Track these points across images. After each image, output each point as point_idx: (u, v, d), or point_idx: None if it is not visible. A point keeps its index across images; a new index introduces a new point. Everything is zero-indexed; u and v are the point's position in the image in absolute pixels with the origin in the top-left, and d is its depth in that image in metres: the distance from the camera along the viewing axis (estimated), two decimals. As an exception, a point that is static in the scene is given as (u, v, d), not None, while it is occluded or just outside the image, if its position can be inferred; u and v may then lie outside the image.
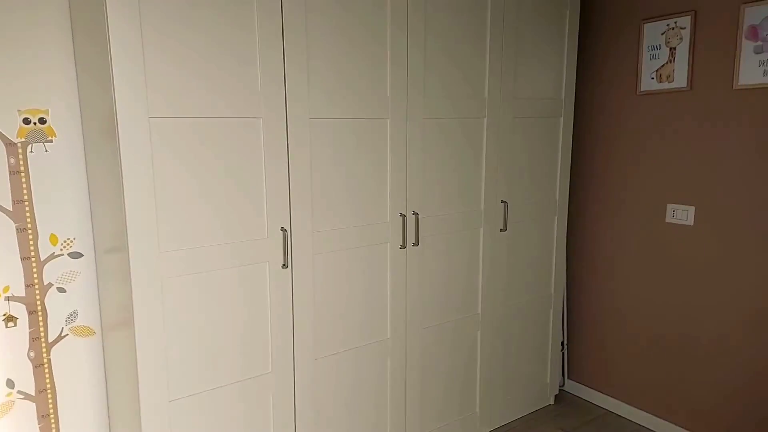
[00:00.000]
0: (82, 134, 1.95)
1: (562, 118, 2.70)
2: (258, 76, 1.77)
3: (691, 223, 2.54)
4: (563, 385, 3.21)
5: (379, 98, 2.05)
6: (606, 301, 2.95)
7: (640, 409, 2.83)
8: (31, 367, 1.99)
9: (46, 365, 2.01)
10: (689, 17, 2.43)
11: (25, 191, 1.89)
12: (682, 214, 2.57)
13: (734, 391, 2.46)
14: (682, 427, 2.66)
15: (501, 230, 2.54)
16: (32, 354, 1.98)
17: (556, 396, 3.10)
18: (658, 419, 2.75)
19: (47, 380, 2.02)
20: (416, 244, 2.23)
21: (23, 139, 1.86)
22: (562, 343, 3.14)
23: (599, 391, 3.03)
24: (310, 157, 1.92)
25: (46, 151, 1.91)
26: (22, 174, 1.87)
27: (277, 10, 1.77)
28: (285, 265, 1.89)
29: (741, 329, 2.41)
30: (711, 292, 2.50)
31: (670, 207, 2.61)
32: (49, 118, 1.90)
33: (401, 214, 2.18)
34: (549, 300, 2.87)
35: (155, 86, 1.59)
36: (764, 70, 2.23)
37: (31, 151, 1.88)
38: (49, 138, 1.91)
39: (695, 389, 2.60)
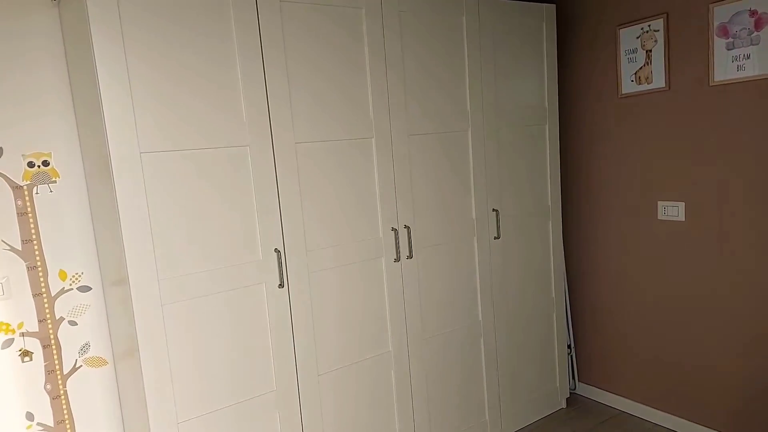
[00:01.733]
0: (84, 173, 2.06)
1: (547, 125, 2.77)
2: (242, 108, 1.87)
3: (683, 219, 2.58)
4: (574, 388, 3.22)
5: (362, 119, 2.15)
6: (608, 302, 2.98)
7: (654, 408, 2.83)
8: (49, 399, 2.07)
9: (62, 397, 2.10)
10: (662, 20, 2.50)
11: (33, 231, 2.00)
12: (672, 211, 2.61)
13: (745, 384, 2.47)
14: (699, 424, 2.66)
15: (495, 238, 2.60)
16: (49, 386, 2.07)
17: (567, 399, 3.11)
18: (673, 416, 2.75)
19: (65, 411, 2.11)
20: (410, 256, 2.30)
21: (29, 182, 1.98)
22: (569, 346, 3.17)
23: (611, 392, 3.04)
24: (299, 179, 2.01)
25: (51, 191, 2.02)
26: (30, 215, 1.99)
27: (257, 48, 1.88)
28: (281, 285, 1.97)
29: (744, 322, 2.43)
30: (707, 284, 2.53)
31: (660, 204, 2.66)
32: (52, 161, 2.02)
33: (393, 229, 2.26)
34: (551, 304, 2.91)
35: (144, 123, 1.70)
36: (737, 66, 2.28)
37: (37, 193, 2.00)
38: (53, 179, 2.02)
39: (706, 384, 2.61)
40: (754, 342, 2.40)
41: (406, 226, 2.29)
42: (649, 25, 2.56)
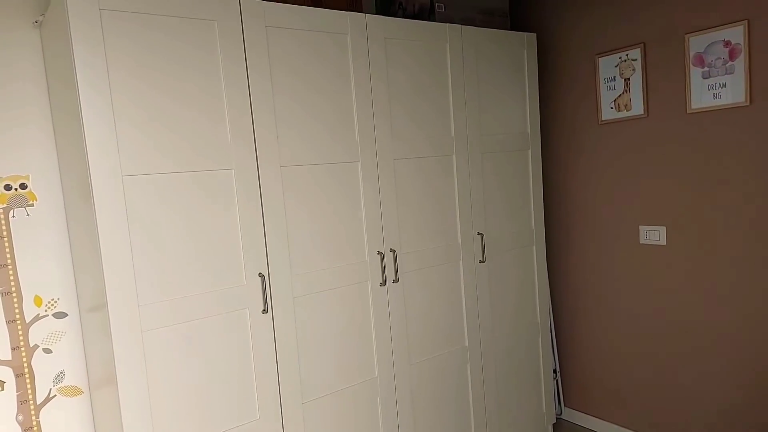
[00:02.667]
0: (63, 197, 2.02)
1: (530, 151, 2.80)
2: (228, 132, 1.86)
3: (664, 243, 2.61)
4: (560, 413, 3.20)
5: (348, 143, 2.15)
6: (592, 326, 2.99)
7: (637, 433, 2.83)
8: (21, 430, 1.99)
9: (35, 428, 2.02)
10: (639, 49, 2.57)
11: (8, 255, 1.94)
12: (654, 235, 2.64)
13: (731, 408, 2.48)
14: (677, 448, 2.66)
15: (480, 261, 2.60)
16: (21, 417, 1.99)
17: (554, 425, 3.09)
18: (654, 441, 2.75)
19: (36, 443, 2.02)
20: (396, 280, 2.28)
21: (5, 205, 1.93)
22: (554, 371, 3.16)
23: (597, 417, 3.03)
24: (284, 202, 1.99)
25: (28, 215, 1.97)
26: (5, 239, 1.93)
27: (242, 68, 1.88)
28: (265, 310, 1.94)
29: (729, 344, 2.45)
30: (690, 307, 2.55)
31: (642, 228, 2.69)
32: (30, 184, 1.97)
33: (379, 252, 2.24)
34: (536, 328, 2.90)
35: (126, 147, 1.67)
36: (713, 94, 2.35)
37: (13, 216, 1.95)
38: (31, 202, 1.98)
39: (692, 408, 2.62)
40: (740, 365, 2.41)
41: (392, 250, 2.28)
42: (627, 54, 2.62)
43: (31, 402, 2.01)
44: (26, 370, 1.99)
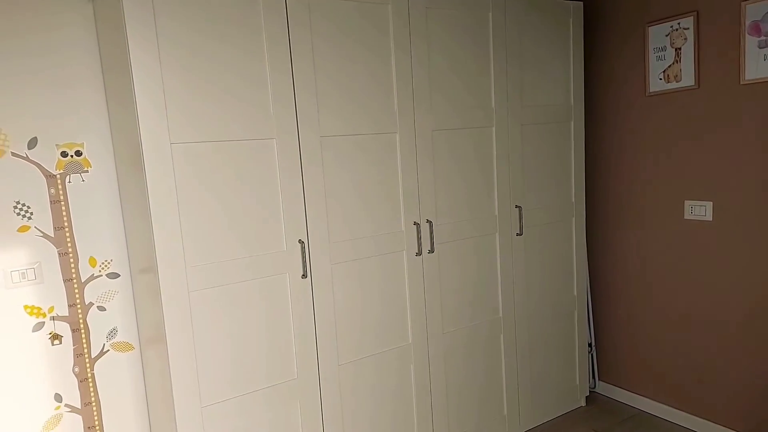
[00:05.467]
0: (115, 164, 2.12)
1: (572, 123, 2.75)
2: (270, 101, 1.90)
3: (710, 219, 2.54)
4: (594, 386, 3.21)
5: (387, 114, 2.16)
6: (631, 301, 2.96)
7: (675, 408, 2.81)
8: (77, 381, 2.14)
9: (90, 380, 2.16)
10: (692, 18, 2.47)
11: (65, 218, 2.05)
12: (700, 210, 2.58)
13: (765, 385, 2.44)
14: (718, 424, 2.63)
15: (517, 234, 2.60)
16: (77, 369, 2.13)
17: (587, 397, 3.10)
18: (694, 417, 2.73)
19: (92, 394, 2.17)
20: (431, 251, 2.31)
21: (62, 171, 2.04)
22: (590, 345, 3.15)
23: (631, 391, 3.02)
24: (323, 172, 2.03)
25: (83, 181, 2.08)
26: (62, 203, 2.04)
27: (284, 39, 1.90)
28: (304, 275, 2.00)
29: (767, 321, 2.40)
30: (735, 284, 2.50)
31: (687, 203, 2.63)
32: (84, 151, 2.07)
33: (415, 223, 2.27)
34: (573, 302, 2.90)
35: (175, 115, 1.74)
36: (769, 64, 2.24)
37: (69, 182, 2.05)
38: (86, 169, 2.08)
39: (729, 384, 2.58)
40: (780, 345, 2.36)
41: (428, 221, 2.30)
42: (678, 23, 2.52)
43: (86, 355, 2.14)
44: (82, 325, 2.12)
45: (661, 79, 2.64)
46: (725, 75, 2.40)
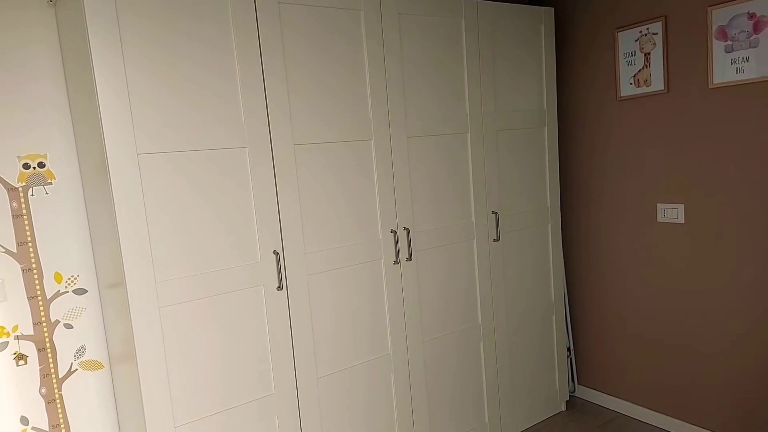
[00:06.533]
0: (80, 175, 2.05)
1: (546, 128, 2.76)
2: (241, 110, 1.86)
3: (682, 221, 2.57)
4: (574, 391, 3.21)
5: (361, 121, 2.14)
6: (607, 304, 2.98)
7: (654, 411, 2.83)
8: (44, 403, 2.05)
9: (58, 401, 2.08)
10: (660, 23, 2.50)
11: (28, 233, 1.97)
12: (672, 213, 2.61)
13: (745, 386, 2.47)
14: (696, 425, 2.65)
15: (494, 240, 2.59)
16: (44, 390, 2.05)
17: (567, 402, 3.10)
18: (673, 419, 2.74)
19: (60, 415, 2.08)
20: (409, 258, 2.29)
21: (24, 184, 1.96)
22: (568, 349, 3.16)
23: (611, 395, 3.03)
24: (297, 180, 1.99)
25: (47, 193, 2.00)
26: (25, 216, 1.96)
27: (255, 51, 1.87)
28: (280, 287, 1.96)
29: (742, 323, 2.43)
30: (707, 287, 2.52)
31: (660, 206, 2.65)
32: (47, 162, 2.00)
33: (392, 231, 2.24)
34: (551, 306, 2.90)
35: (142, 125, 1.68)
36: (736, 68, 2.28)
37: (32, 195, 1.98)
38: (49, 181, 2.00)
39: (706, 386, 2.61)
40: (756, 345, 2.39)
41: (405, 228, 2.28)
42: (647, 28, 2.56)
43: (53, 375, 2.06)
44: (48, 344, 2.04)
45: (631, 83, 2.67)
46: (694, 79, 2.44)
